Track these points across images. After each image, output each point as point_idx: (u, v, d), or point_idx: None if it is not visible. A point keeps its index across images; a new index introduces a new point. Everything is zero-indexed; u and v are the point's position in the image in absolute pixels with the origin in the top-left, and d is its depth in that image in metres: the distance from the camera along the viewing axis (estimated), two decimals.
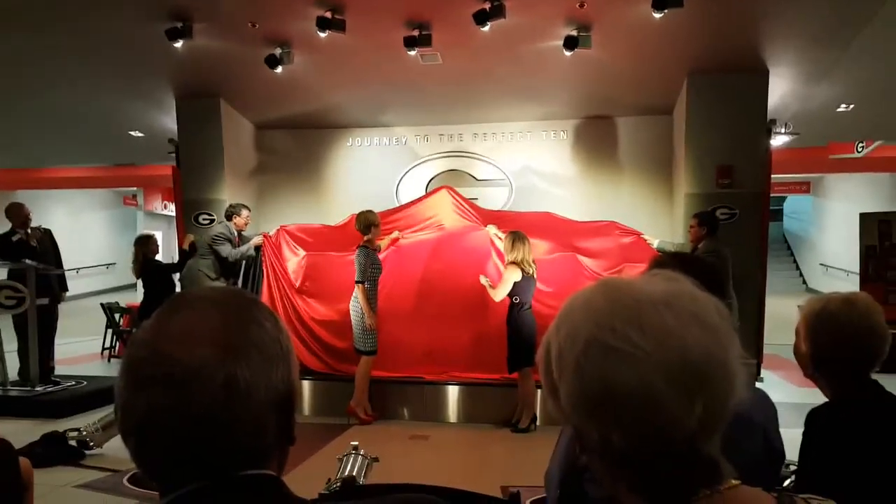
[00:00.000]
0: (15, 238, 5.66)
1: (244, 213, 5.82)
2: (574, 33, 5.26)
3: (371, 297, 4.96)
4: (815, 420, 1.40)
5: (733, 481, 0.62)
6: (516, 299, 4.84)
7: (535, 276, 4.92)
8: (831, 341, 1.34)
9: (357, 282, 4.88)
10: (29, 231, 5.78)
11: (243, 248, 5.64)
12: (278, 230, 5.66)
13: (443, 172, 7.33)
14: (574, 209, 6.89)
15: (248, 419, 0.61)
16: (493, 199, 7.24)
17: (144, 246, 5.97)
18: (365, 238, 5.03)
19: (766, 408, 1.34)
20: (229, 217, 5.80)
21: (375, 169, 7.43)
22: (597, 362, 0.59)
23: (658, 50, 5.57)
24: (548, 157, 7.14)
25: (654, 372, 0.57)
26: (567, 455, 1.13)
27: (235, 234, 5.75)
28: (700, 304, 0.61)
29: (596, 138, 7.04)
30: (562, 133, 7.14)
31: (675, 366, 0.57)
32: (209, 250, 5.73)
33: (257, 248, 5.57)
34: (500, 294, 4.84)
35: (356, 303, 4.95)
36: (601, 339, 0.59)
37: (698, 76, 5.94)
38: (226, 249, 5.60)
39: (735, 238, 5.59)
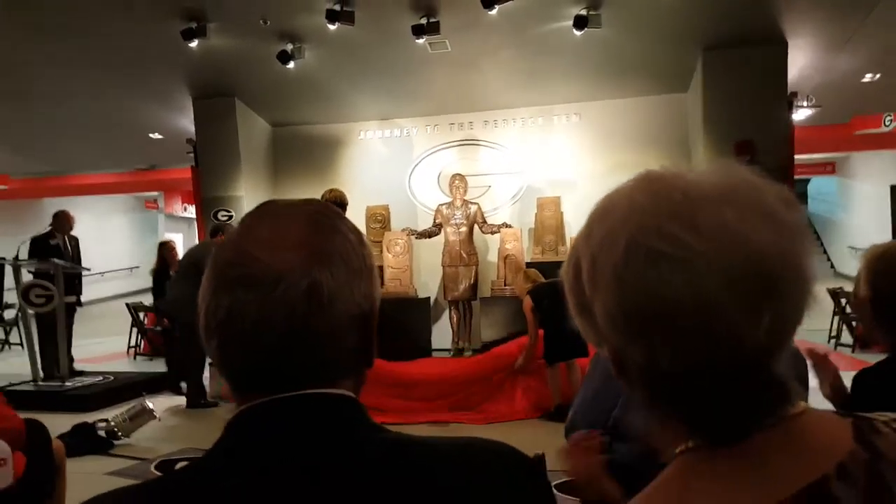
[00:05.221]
0: (53, 242, 6.03)
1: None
2: (584, 12, 5.21)
3: None
4: (866, 378, 1.40)
5: (802, 403, 0.52)
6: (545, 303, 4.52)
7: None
8: (893, 284, 1.32)
9: None
10: (67, 238, 6.17)
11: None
12: None
13: (454, 161, 7.31)
14: (588, 193, 6.83)
15: (328, 331, 0.59)
16: (505, 185, 7.20)
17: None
18: None
19: (798, 364, 1.32)
20: (214, 235, 5.38)
21: (387, 161, 7.43)
22: (640, 270, 0.49)
23: (671, 25, 5.48)
24: (560, 141, 7.07)
25: (712, 279, 0.47)
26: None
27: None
28: (765, 195, 0.51)
29: (610, 120, 6.95)
30: (574, 116, 7.06)
31: (737, 270, 0.48)
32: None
33: None
34: (532, 334, 4.69)
35: None
36: (645, 241, 0.49)
37: (714, 50, 5.82)
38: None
39: None
